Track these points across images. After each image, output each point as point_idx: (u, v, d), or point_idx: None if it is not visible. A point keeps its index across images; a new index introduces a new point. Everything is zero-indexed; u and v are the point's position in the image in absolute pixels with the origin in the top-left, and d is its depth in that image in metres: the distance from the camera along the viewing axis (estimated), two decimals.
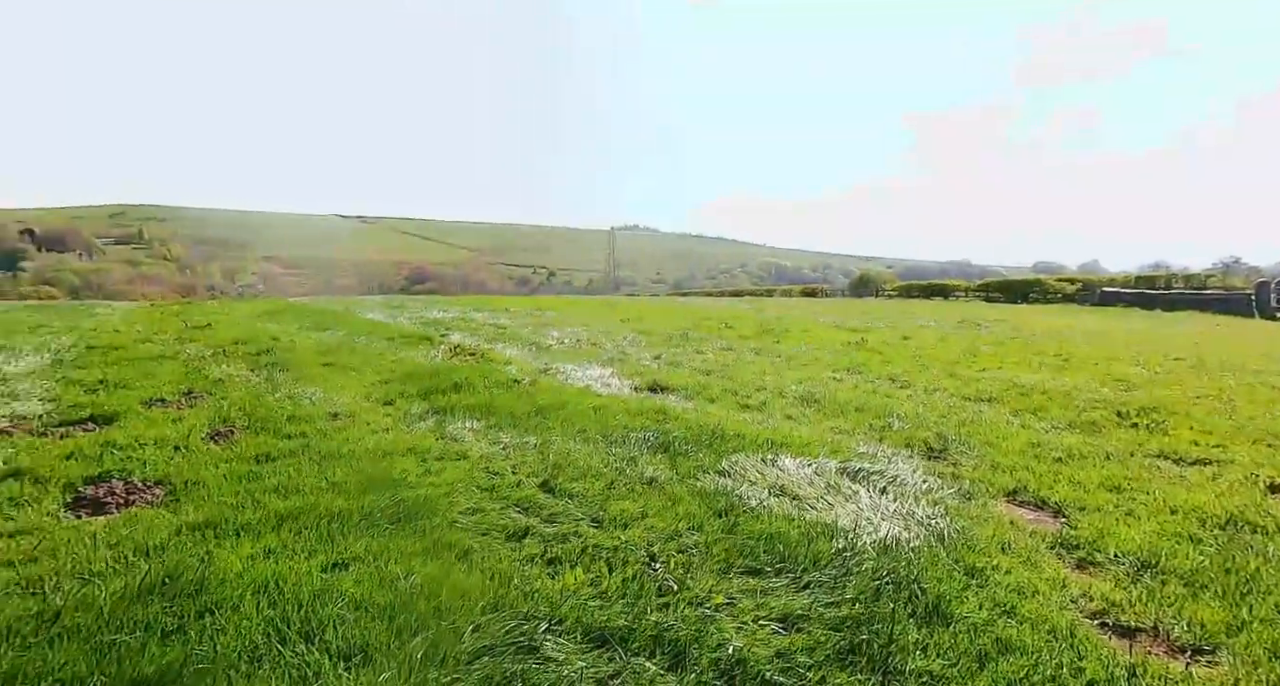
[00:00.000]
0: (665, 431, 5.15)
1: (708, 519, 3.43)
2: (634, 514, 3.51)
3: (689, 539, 3.20)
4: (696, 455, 4.60)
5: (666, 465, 4.40)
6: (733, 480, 4.06)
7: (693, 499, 3.74)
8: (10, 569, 2.67)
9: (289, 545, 2.98)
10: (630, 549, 3.06)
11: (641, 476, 4.12)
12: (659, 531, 3.29)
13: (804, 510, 3.57)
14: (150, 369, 7.16)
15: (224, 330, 11.01)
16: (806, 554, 2.99)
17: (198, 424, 5.06)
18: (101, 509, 3.47)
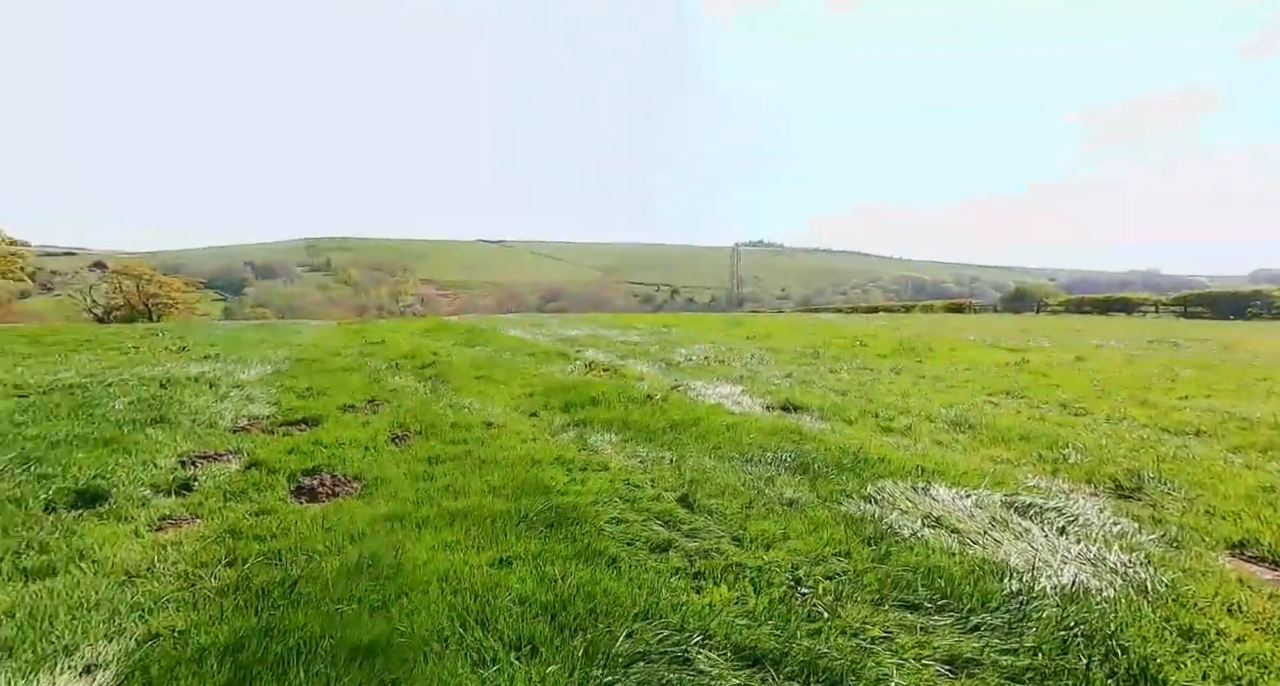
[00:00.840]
0: (802, 452, 5.01)
1: (855, 546, 3.28)
2: (775, 535, 3.46)
3: (836, 565, 3.08)
4: (838, 478, 4.43)
5: (806, 487, 4.28)
6: (880, 507, 3.85)
7: (837, 524, 3.60)
8: (260, 542, 3.27)
9: (461, 541, 3.32)
10: (774, 570, 3.02)
11: (780, 497, 4.05)
12: (803, 554, 3.21)
13: (966, 545, 3.29)
14: (342, 379, 8.36)
15: (394, 346, 12.55)
16: (973, 593, 2.75)
17: (381, 428, 5.82)
18: (315, 497, 4.12)
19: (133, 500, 3.91)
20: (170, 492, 4.12)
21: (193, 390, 7.33)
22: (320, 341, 13.55)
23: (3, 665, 2.21)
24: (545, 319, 22.20)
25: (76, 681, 2.14)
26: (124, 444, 5.02)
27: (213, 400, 6.87)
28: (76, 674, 2.18)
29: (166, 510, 3.81)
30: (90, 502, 3.86)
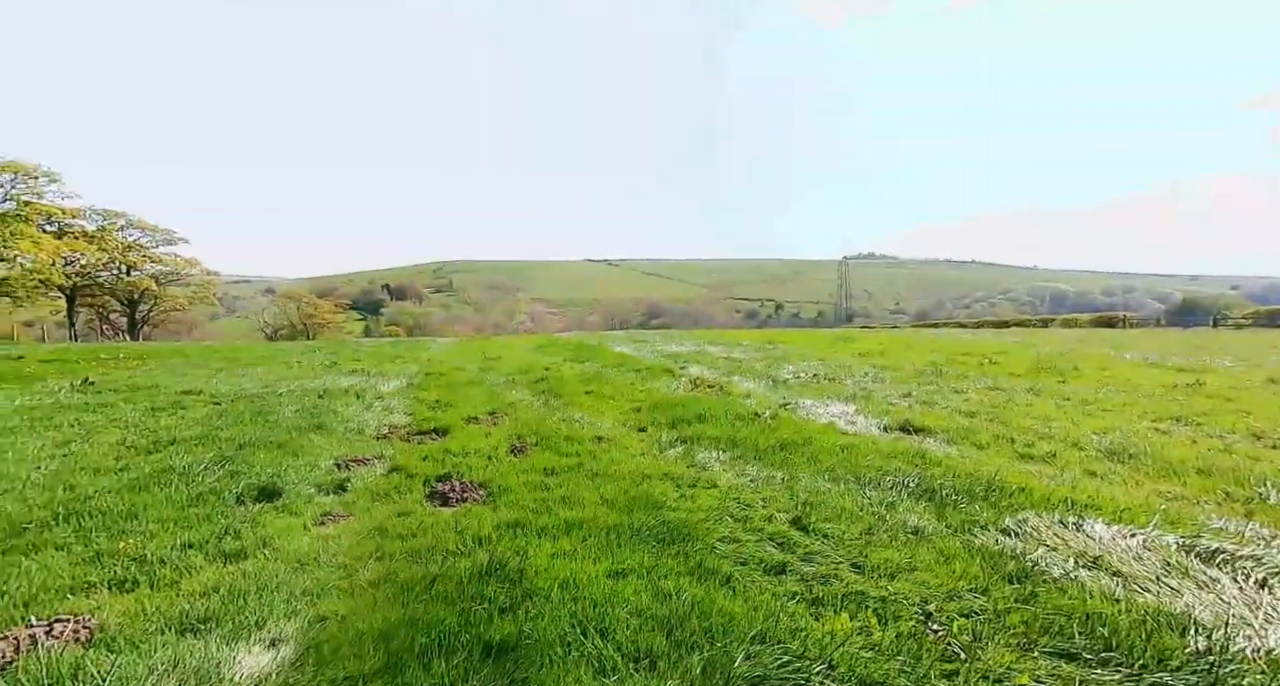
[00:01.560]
0: (926, 477, 4.68)
1: (994, 582, 3.00)
2: (900, 564, 3.25)
3: (972, 602, 2.84)
4: (969, 507, 4.08)
5: (932, 515, 3.99)
6: (1022, 541, 3.49)
7: (970, 557, 3.32)
8: (403, 541, 3.61)
9: (578, 550, 3.46)
10: (901, 602, 2.84)
11: (904, 525, 3.80)
12: (933, 587, 2.99)
13: (1133, 592, 2.89)
14: (466, 393, 9.03)
15: (509, 361, 13.35)
16: (1145, 647, 2.41)
17: (501, 439, 6.21)
18: (447, 501, 4.47)
19: (301, 497, 4.47)
20: (329, 491, 4.67)
21: (344, 400, 8.26)
22: (445, 357, 14.72)
23: (212, 633, 2.61)
24: (649, 335, 22.55)
25: (265, 652, 2.48)
26: (293, 447, 5.76)
27: (360, 409, 7.70)
28: (265, 646, 2.53)
29: (327, 507, 4.32)
30: (269, 497, 4.46)
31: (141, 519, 3.92)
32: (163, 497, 4.33)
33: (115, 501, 4.21)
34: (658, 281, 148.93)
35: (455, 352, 16.19)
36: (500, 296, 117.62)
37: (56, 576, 3.15)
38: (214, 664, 2.38)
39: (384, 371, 11.38)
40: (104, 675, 2.28)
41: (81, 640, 2.56)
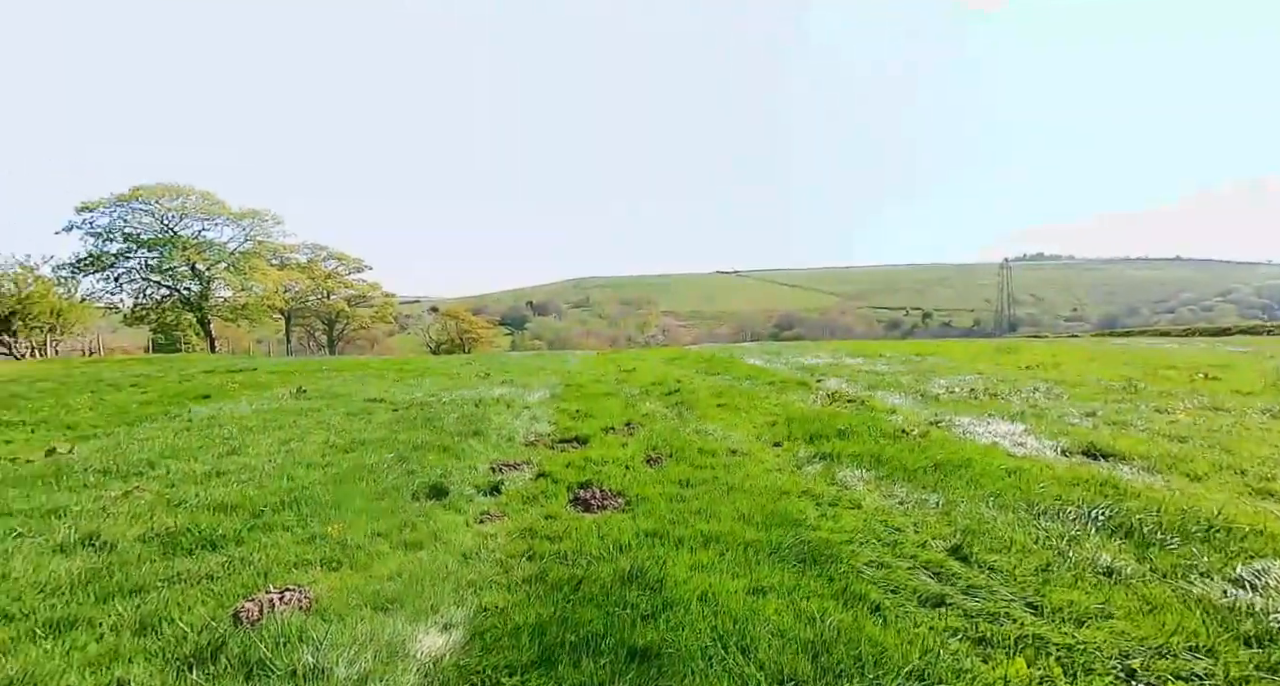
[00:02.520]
0: (1122, 511, 4.02)
1: (1223, 643, 2.50)
2: (1089, 609, 2.83)
3: (1192, 663, 2.38)
4: (1183, 549, 3.44)
5: (1130, 554, 3.42)
6: (1262, 596, 2.86)
7: (1187, 608, 2.79)
8: (551, 543, 3.87)
9: (715, 563, 3.45)
10: (1092, 653, 2.47)
11: (1093, 563, 3.30)
12: (1135, 640, 2.56)
13: None
14: (603, 404, 9.44)
15: (643, 374, 13.71)
16: None
17: (638, 450, 6.39)
18: (589, 508, 4.71)
19: (463, 496, 4.97)
20: (486, 492, 5.13)
21: (496, 409, 9.04)
22: (584, 369, 15.50)
23: (398, 612, 3.00)
24: (782, 347, 21.93)
25: (440, 635, 2.79)
26: (455, 451, 6.42)
27: (510, 418, 8.37)
28: (440, 629, 2.84)
29: (485, 507, 4.76)
30: (438, 495, 5.02)
31: (343, 509, 4.61)
32: (357, 491, 5.05)
33: (323, 492, 4.99)
34: (789, 292, 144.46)
35: (592, 365, 16.99)
36: (632, 310, 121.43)
37: (284, 552, 3.80)
38: (400, 640, 2.72)
39: (529, 383, 12.27)
40: (320, 640, 2.71)
41: (303, 608, 3.07)
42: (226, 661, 2.58)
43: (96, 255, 32.40)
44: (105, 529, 4.14)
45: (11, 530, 4.17)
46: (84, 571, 3.52)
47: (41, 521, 4.35)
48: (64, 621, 2.94)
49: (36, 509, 4.61)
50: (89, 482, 5.33)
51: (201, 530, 4.15)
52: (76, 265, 31.92)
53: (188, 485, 5.29)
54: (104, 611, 3.04)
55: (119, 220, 32.62)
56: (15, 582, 3.36)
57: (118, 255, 32.85)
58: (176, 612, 3.00)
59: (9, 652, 2.67)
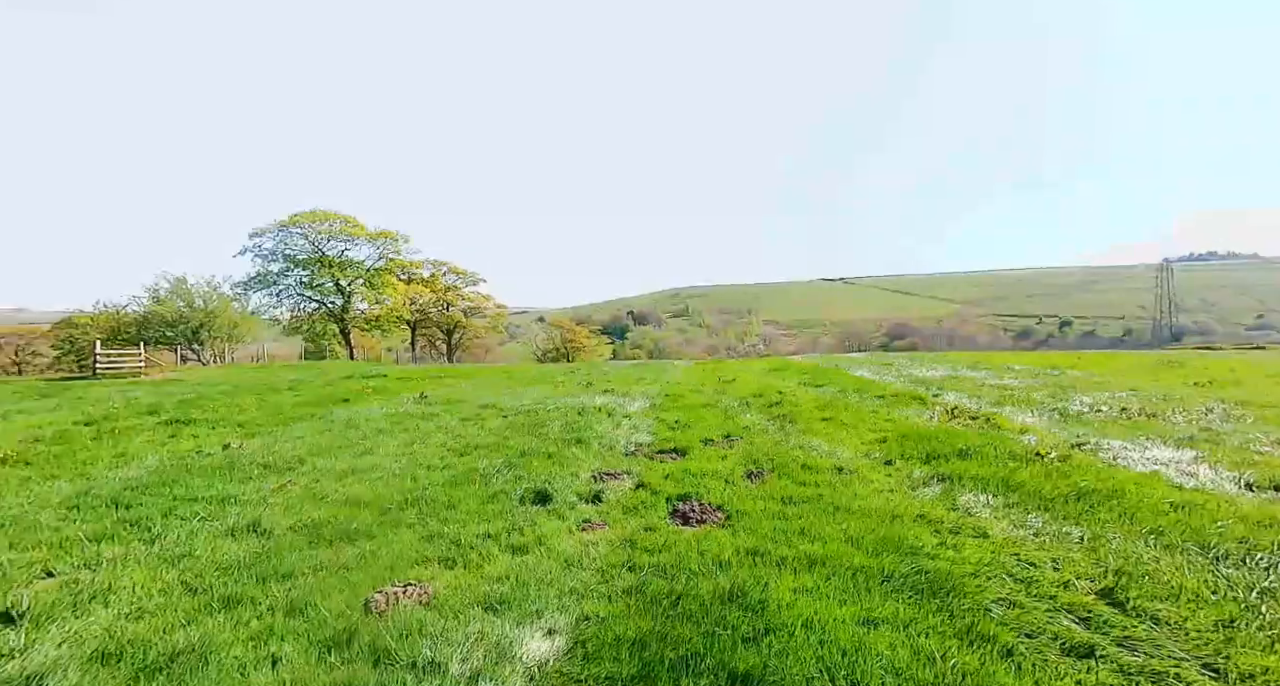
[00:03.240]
0: None
1: None
2: None
3: None
4: None
5: None
6: None
7: None
8: (650, 555, 3.88)
9: (821, 588, 3.28)
10: None
11: None
12: None
13: None
14: (702, 415, 9.37)
15: (743, 385, 13.45)
16: None
17: (737, 464, 6.26)
18: (688, 521, 4.67)
19: (566, 503, 5.13)
20: (588, 500, 5.25)
21: (597, 418, 9.27)
22: (683, 379, 15.50)
23: (505, 614, 3.14)
24: (893, 358, 20.61)
25: (544, 640, 2.89)
26: (559, 458, 6.65)
27: (611, 427, 8.54)
28: (544, 634, 2.94)
29: (587, 515, 4.87)
30: (542, 501, 5.21)
31: (457, 510, 4.93)
32: (470, 494, 5.38)
33: (440, 494, 5.36)
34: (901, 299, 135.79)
35: (691, 375, 16.94)
36: (732, 320, 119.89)
37: (407, 548, 4.13)
38: (508, 641, 2.85)
39: (630, 392, 12.46)
40: (437, 635, 2.91)
41: (423, 602, 3.30)
42: (358, 648, 2.84)
43: (263, 274, 37.48)
44: (265, 517, 4.73)
45: (195, 514, 4.88)
46: (248, 555, 4.03)
47: (218, 507, 5.06)
48: (232, 598, 3.38)
49: (214, 496, 5.36)
50: (253, 475, 6.12)
51: (340, 523, 4.62)
52: (248, 283, 37.10)
53: (329, 481, 5.90)
54: (263, 592, 3.46)
55: (280, 243, 37.57)
56: (197, 560, 3.93)
57: (279, 274, 37.78)
58: (319, 598, 3.34)
59: (192, 622, 3.11)
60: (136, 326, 28.48)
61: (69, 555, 4.03)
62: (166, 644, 2.86)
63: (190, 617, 3.16)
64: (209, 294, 30.30)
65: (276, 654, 2.81)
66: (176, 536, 4.36)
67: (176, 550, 4.10)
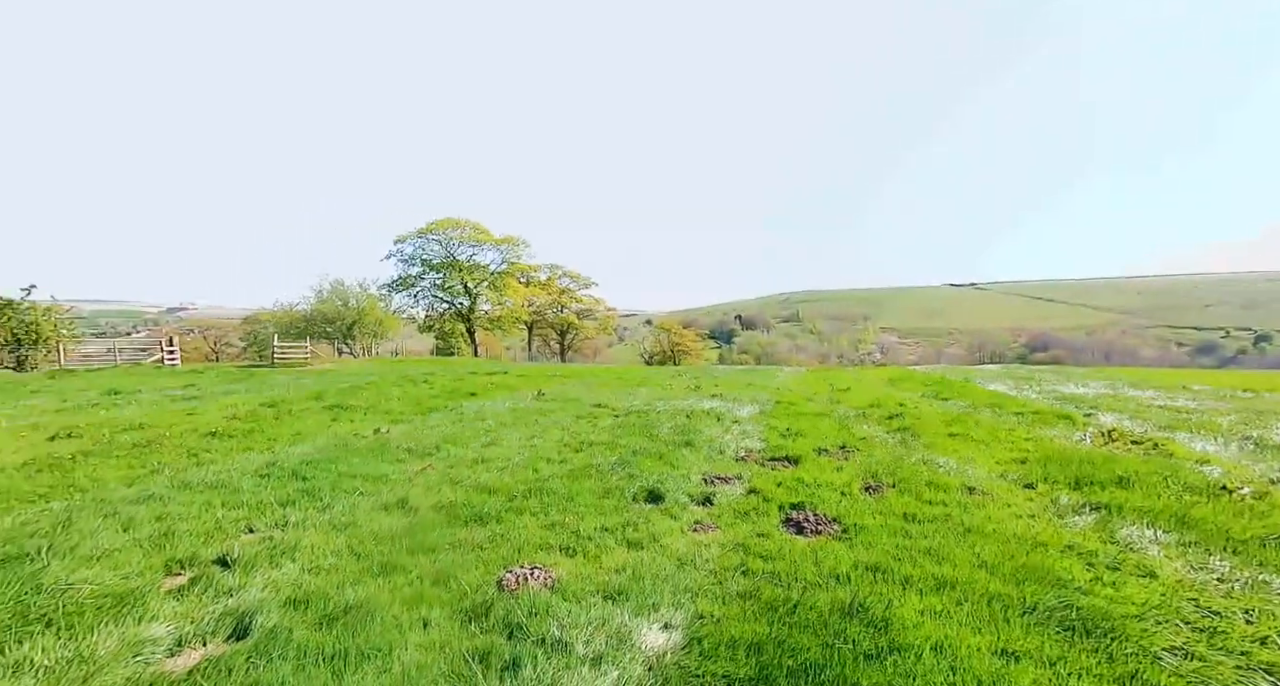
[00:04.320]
0: None
1: None
2: None
3: None
4: None
5: None
6: None
7: None
8: (763, 561, 3.86)
9: (951, 612, 3.09)
10: None
11: None
12: None
13: None
14: (815, 423, 9.07)
15: (859, 394, 12.82)
16: None
17: (854, 476, 6.01)
18: (801, 530, 4.58)
19: (678, 503, 5.22)
20: (699, 503, 5.31)
21: (706, 422, 9.30)
22: (793, 386, 15.08)
23: (623, 604, 3.29)
24: (1034, 372, 18.59)
25: (661, 633, 2.99)
26: (669, 459, 6.77)
27: (720, 431, 8.54)
28: (660, 627, 3.05)
29: (698, 517, 4.93)
30: (654, 500, 5.35)
31: (575, 502, 5.20)
32: (586, 488, 5.64)
33: (559, 486, 5.68)
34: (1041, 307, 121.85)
35: (802, 382, 16.43)
36: (845, 326, 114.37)
37: (531, 534, 4.43)
38: (627, 630, 2.98)
39: (738, 397, 12.35)
40: (562, 617, 3.11)
41: (548, 585, 3.55)
42: (494, 620, 3.11)
43: (404, 277, 41.67)
44: (411, 496, 5.30)
45: (355, 489, 5.57)
46: (398, 527, 4.55)
47: (373, 484, 5.74)
48: (388, 565, 3.84)
49: (370, 474, 6.08)
50: (399, 458, 6.86)
51: (472, 506, 5.06)
52: (391, 285, 41.42)
53: (461, 467, 6.47)
54: (412, 562, 3.90)
55: (418, 249, 41.56)
56: (360, 530, 4.50)
57: (417, 277, 41.80)
58: (459, 572, 3.70)
59: (358, 582, 3.58)
60: (305, 322, 32.80)
61: (263, 515, 4.78)
62: (341, 598, 3.33)
63: (356, 578, 3.64)
64: (360, 294, 34.19)
65: (426, 617, 3.16)
66: (342, 507, 5.02)
67: (343, 519, 4.72)
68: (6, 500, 5.06)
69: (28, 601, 3.18)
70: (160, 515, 4.69)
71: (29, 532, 4.24)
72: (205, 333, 43.75)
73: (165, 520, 4.59)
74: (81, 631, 2.92)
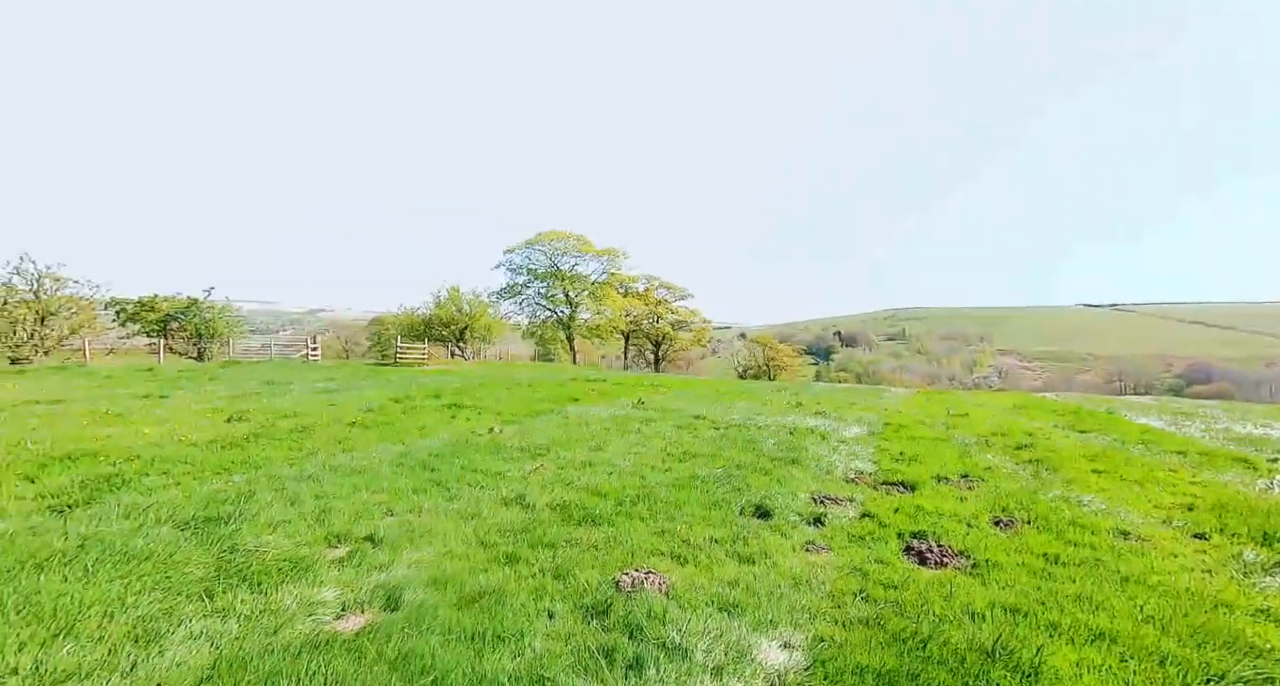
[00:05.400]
0: None
1: None
2: None
3: None
4: None
5: None
6: None
7: None
8: (885, 589, 3.69)
9: (1114, 669, 2.78)
10: None
11: None
12: None
13: None
14: (932, 449, 8.51)
15: (979, 421, 11.85)
16: None
17: (981, 508, 5.58)
18: (924, 561, 4.31)
19: (787, 521, 5.11)
20: (809, 522, 5.16)
21: (811, 439, 9.01)
22: (903, 408, 14.22)
23: (739, 618, 3.28)
24: (1197, 407, 16.25)
25: (781, 651, 2.95)
26: (775, 476, 6.64)
27: (827, 451, 8.24)
28: (780, 645, 3.00)
29: (809, 536, 4.80)
30: (762, 515, 5.27)
31: (683, 511, 5.24)
32: (692, 498, 5.67)
33: (666, 494, 5.75)
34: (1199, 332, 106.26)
35: (913, 404, 15.47)
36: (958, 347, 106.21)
37: (642, 539, 4.52)
38: (746, 645, 2.97)
39: (844, 417, 11.85)
40: (680, 622, 3.16)
41: (663, 591, 3.61)
42: (614, 619, 3.21)
43: (511, 285, 44.14)
44: (527, 493, 5.59)
45: (477, 482, 5.97)
46: (519, 522, 4.82)
47: (492, 479, 6.12)
48: (512, 556, 4.09)
49: (488, 470, 6.49)
50: (514, 456, 7.26)
51: (584, 507, 5.25)
52: (500, 292, 44.04)
53: (571, 469, 6.72)
54: (533, 555, 4.12)
55: (525, 259, 43.93)
56: (484, 521, 4.82)
57: (523, 285, 44.12)
58: (577, 569, 3.86)
59: (487, 570, 3.84)
60: (423, 325, 35.60)
61: (400, 501, 5.25)
62: (474, 583, 3.59)
63: (485, 566, 3.90)
64: (473, 301, 36.60)
65: (550, 609, 3.32)
66: (467, 499, 5.40)
67: (468, 510, 5.08)
68: (202, 472, 5.93)
69: (227, 559, 3.72)
70: (318, 494, 5.29)
71: (221, 499, 4.94)
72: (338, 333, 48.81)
73: (322, 498, 5.17)
74: (269, 587, 3.37)
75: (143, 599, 3.18)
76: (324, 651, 2.77)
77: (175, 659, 2.67)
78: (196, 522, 4.36)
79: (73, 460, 6.10)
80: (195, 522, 4.36)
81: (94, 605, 3.08)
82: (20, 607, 3.03)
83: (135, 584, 3.33)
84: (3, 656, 2.62)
